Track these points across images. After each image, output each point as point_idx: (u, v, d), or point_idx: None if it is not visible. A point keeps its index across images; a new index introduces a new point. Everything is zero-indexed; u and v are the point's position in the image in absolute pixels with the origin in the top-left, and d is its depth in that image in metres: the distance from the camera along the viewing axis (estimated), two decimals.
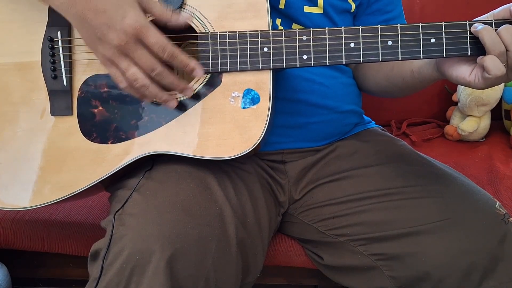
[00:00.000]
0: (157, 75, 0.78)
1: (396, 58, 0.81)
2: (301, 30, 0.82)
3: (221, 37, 0.83)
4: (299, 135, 1.00)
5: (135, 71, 0.77)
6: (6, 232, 1.11)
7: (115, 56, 0.77)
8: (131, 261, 0.73)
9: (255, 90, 0.83)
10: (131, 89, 0.80)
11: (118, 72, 0.79)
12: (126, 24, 0.74)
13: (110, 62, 0.79)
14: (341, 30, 0.82)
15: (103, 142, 0.87)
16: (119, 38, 0.75)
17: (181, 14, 0.81)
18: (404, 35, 0.81)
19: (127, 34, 0.75)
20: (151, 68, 0.77)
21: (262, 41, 0.82)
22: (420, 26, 0.81)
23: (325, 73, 0.99)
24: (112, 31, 0.75)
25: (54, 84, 0.87)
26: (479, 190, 0.94)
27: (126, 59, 0.77)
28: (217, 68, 0.83)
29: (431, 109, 1.63)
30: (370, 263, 0.93)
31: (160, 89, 0.80)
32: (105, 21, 0.75)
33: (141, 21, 0.75)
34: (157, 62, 0.77)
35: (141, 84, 0.78)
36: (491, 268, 0.86)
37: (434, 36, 0.80)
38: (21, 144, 0.89)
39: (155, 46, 0.76)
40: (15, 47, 0.88)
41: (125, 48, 0.76)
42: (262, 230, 0.91)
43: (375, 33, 0.81)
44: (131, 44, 0.75)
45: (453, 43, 0.80)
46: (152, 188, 0.82)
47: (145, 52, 0.76)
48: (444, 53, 0.81)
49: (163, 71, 0.78)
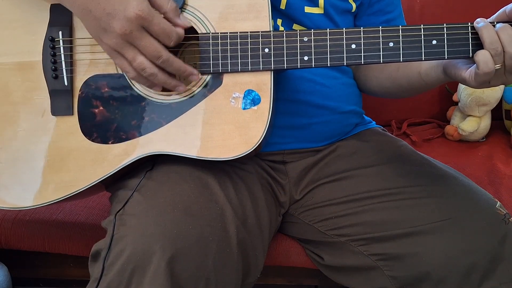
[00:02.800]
0: (163, 62, 0.78)
1: (397, 60, 0.81)
2: (302, 31, 0.82)
3: (222, 37, 0.83)
4: (300, 135, 0.99)
5: (142, 60, 0.77)
6: (6, 232, 1.11)
7: (120, 45, 0.77)
8: (132, 262, 0.73)
9: (255, 91, 0.83)
10: (140, 78, 0.80)
11: (125, 62, 0.79)
12: (129, 12, 0.74)
13: (116, 52, 0.78)
14: (342, 31, 0.82)
15: (104, 142, 0.87)
16: (122, 26, 0.75)
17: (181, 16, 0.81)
18: (405, 37, 0.81)
19: (131, 22, 0.75)
20: (157, 56, 0.77)
21: (263, 41, 0.82)
22: (422, 28, 0.80)
23: (326, 73, 0.99)
24: (115, 20, 0.75)
25: (55, 84, 0.87)
26: (479, 190, 0.94)
27: (131, 48, 0.77)
28: (218, 68, 0.83)
29: (432, 109, 1.63)
30: (370, 263, 0.93)
31: (168, 76, 0.80)
32: (109, 10, 0.75)
33: (145, 9, 0.75)
34: (163, 48, 0.77)
35: (149, 72, 0.78)
36: (491, 268, 0.86)
37: (435, 37, 0.80)
38: (22, 143, 0.89)
39: (161, 33, 0.76)
40: (16, 46, 0.88)
41: (129, 37, 0.76)
42: (263, 230, 0.91)
43: (376, 34, 0.81)
44: (136, 32, 0.75)
45: (455, 45, 0.80)
46: (152, 188, 0.82)
47: (151, 39, 0.76)
48: (445, 55, 0.80)
49: (169, 57, 0.78)
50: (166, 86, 0.82)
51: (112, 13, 0.75)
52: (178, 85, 0.82)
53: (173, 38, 0.77)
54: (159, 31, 0.76)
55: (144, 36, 0.76)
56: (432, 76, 0.90)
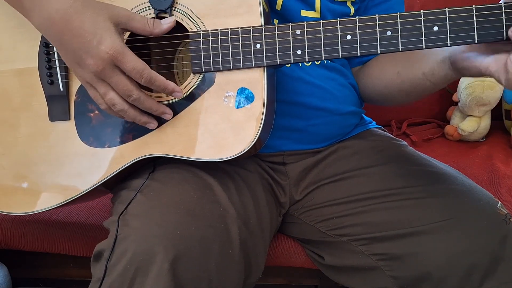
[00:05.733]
0: (134, 101, 0.79)
1: (396, 49, 0.77)
2: (294, 24, 0.80)
3: (212, 35, 0.81)
4: (299, 137, 0.99)
5: (112, 96, 0.78)
6: (6, 232, 1.11)
7: (93, 81, 0.78)
8: (135, 262, 0.73)
9: (249, 89, 0.81)
10: (111, 111, 0.81)
11: (98, 95, 0.80)
12: (101, 51, 0.75)
13: (89, 85, 0.80)
14: (336, 22, 0.78)
15: (100, 146, 0.86)
16: (95, 64, 0.75)
17: (164, 21, 0.81)
18: (404, 24, 0.76)
19: (103, 61, 0.75)
20: (127, 95, 0.78)
21: (254, 37, 0.80)
22: (422, 13, 0.75)
23: (324, 75, 0.98)
24: (88, 57, 0.75)
25: (51, 89, 0.87)
26: (480, 190, 0.93)
27: (104, 84, 0.78)
28: (210, 67, 0.82)
29: (432, 109, 1.63)
30: (371, 263, 0.93)
31: (139, 113, 0.81)
32: (82, 46, 0.76)
33: (117, 47, 0.75)
34: (134, 87, 0.78)
35: (119, 108, 0.80)
36: (492, 269, 0.86)
37: (437, 23, 0.75)
38: (23, 149, 0.89)
39: (132, 72, 0.77)
40: (14, 53, 0.89)
41: (102, 74, 0.76)
42: (264, 230, 0.91)
43: (372, 23, 0.77)
44: (108, 70, 0.76)
45: (458, 31, 0.75)
46: (155, 189, 0.82)
47: (122, 78, 0.77)
48: (448, 41, 0.75)
49: (139, 97, 0.78)
50: (137, 122, 0.82)
51: (85, 49, 0.75)
52: (149, 122, 0.82)
53: (144, 76, 0.77)
54: (131, 68, 0.76)
55: (115, 74, 0.77)
56: (439, 74, 0.87)
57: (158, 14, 0.83)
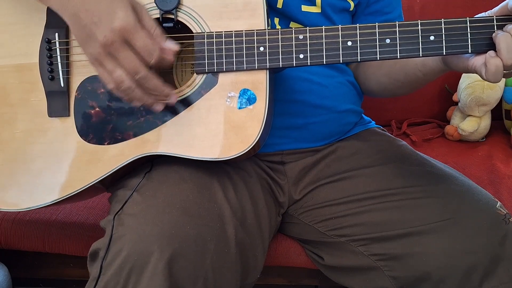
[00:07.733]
0: (141, 78, 0.77)
1: (395, 57, 0.80)
2: (297, 29, 0.82)
3: (216, 36, 0.82)
4: (298, 136, 0.99)
5: (120, 73, 0.77)
6: (7, 232, 1.11)
7: (101, 55, 0.76)
8: (130, 262, 0.73)
9: (251, 90, 0.82)
10: (118, 90, 0.79)
11: (105, 73, 0.78)
12: (114, 23, 0.74)
13: (97, 62, 0.78)
14: (338, 28, 0.80)
15: (100, 143, 0.86)
16: (105, 36, 0.74)
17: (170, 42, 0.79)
18: (402, 33, 0.79)
19: (114, 33, 0.74)
20: (134, 71, 0.76)
21: (258, 40, 0.81)
22: (419, 23, 0.79)
23: (323, 72, 0.99)
24: (100, 29, 0.74)
25: (52, 85, 0.87)
26: (480, 190, 0.93)
27: (112, 60, 0.77)
28: (213, 68, 0.83)
29: (432, 109, 1.63)
30: (370, 264, 0.93)
31: (145, 93, 0.79)
32: (95, 19, 0.75)
33: (130, 22, 0.74)
34: (142, 65, 0.76)
35: (127, 86, 0.77)
36: (491, 269, 0.85)
37: (433, 33, 0.79)
38: (20, 145, 0.89)
39: (143, 49, 0.76)
40: (14, 49, 0.88)
41: (111, 48, 0.75)
42: (263, 231, 0.91)
43: (372, 30, 0.80)
44: (117, 44, 0.75)
45: (453, 41, 0.79)
46: (152, 189, 0.82)
47: (131, 54, 0.76)
48: (444, 50, 0.79)
49: (147, 75, 0.77)
50: (143, 102, 0.81)
51: (98, 22, 0.75)
52: (154, 103, 0.81)
53: (154, 56, 0.76)
54: (141, 46, 0.75)
55: (125, 49, 0.75)
56: (430, 66, 0.89)
57: (163, 15, 0.84)
